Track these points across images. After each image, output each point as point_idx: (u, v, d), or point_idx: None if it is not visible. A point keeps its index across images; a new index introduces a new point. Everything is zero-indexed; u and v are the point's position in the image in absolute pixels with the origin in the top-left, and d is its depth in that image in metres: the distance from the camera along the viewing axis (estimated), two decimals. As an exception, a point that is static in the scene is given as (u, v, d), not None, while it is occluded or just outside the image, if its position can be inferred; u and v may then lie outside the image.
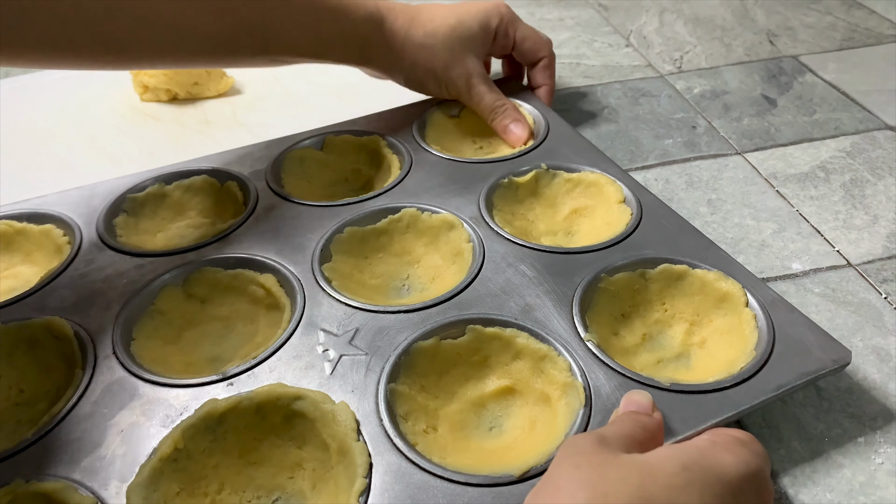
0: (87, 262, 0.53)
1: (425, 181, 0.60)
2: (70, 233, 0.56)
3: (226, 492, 0.41)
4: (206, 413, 0.41)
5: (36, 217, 0.58)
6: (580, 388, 0.42)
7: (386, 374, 0.44)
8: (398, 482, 0.38)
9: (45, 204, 0.59)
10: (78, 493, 0.38)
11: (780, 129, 0.76)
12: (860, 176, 0.68)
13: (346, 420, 0.41)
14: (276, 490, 0.42)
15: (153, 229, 0.60)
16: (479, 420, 0.45)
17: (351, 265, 0.54)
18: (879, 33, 0.96)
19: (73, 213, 0.58)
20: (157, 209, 0.61)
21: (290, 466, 0.42)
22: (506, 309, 0.47)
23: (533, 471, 0.38)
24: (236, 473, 0.42)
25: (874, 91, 0.82)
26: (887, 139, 0.73)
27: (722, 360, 0.45)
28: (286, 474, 0.42)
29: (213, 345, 0.51)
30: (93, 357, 0.46)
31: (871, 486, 0.42)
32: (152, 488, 0.38)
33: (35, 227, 0.58)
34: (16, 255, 0.58)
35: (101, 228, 0.56)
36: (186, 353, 0.49)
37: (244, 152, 0.64)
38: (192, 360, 0.49)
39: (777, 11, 1.03)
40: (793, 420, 0.46)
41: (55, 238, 0.57)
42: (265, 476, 0.42)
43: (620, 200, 0.57)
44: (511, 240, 0.53)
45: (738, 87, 0.84)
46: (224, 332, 0.51)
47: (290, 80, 0.85)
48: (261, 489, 0.42)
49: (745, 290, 0.47)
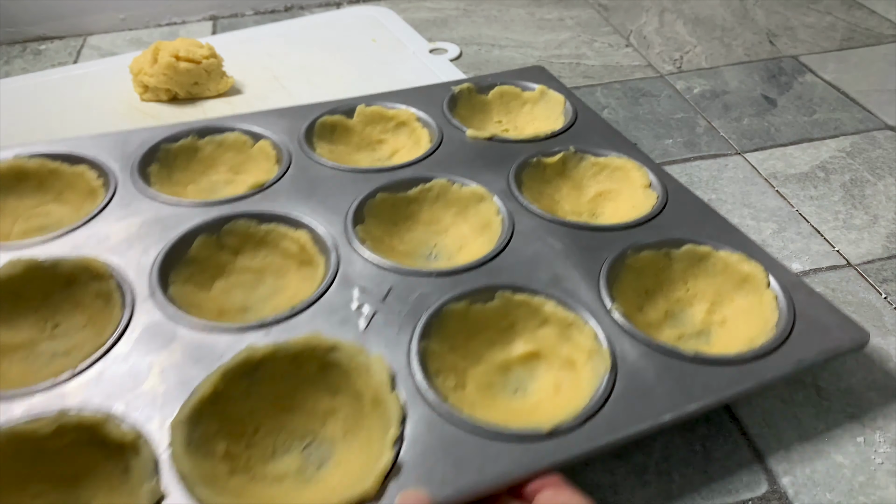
0: (123, 206, 0.54)
1: (455, 155, 0.61)
2: (104, 176, 0.57)
3: (260, 434, 0.42)
4: (245, 359, 0.42)
5: (70, 158, 0.59)
6: (606, 353, 0.43)
7: (418, 331, 0.45)
8: (430, 433, 0.40)
9: (79, 146, 0.60)
10: (121, 426, 0.39)
11: (780, 129, 0.76)
12: (860, 176, 0.69)
13: (381, 372, 0.42)
14: (308, 435, 0.43)
15: (185, 181, 0.61)
16: (504, 382, 0.47)
17: (382, 230, 0.55)
18: (879, 33, 0.97)
19: (108, 157, 0.58)
20: (190, 162, 0.62)
21: (323, 414, 0.44)
22: (534, 278, 0.49)
23: (562, 427, 0.39)
24: (271, 418, 0.43)
25: (874, 91, 0.83)
26: (887, 139, 0.74)
27: (742, 338, 0.47)
28: (318, 421, 0.44)
29: (244, 295, 0.52)
30: (131, 297, 0.47)
31: (871, 486, 0.42)
32: (194, 426, 0.40)
33: (68, 167, 0.58)
34: (48, 193, 0.58)
35: (137, 175, 0.57)
36: (219, 301, 0.50)
37: (277, 116, 0.65)
38: (224, 307, 0.50)
39: (777, 11, 1.04)
40: (793, 420, 0.46)
41: (89, 180, 0.57)
42: (298, 422, 0.43)
43: (646, 185, 0.58)
44: (540, 215, 0.54)
45: (738, 87, 0.85)
46: (254, 284, 0.53)
47: (290, 80, 0.84)
48: (294, 434, 0.43)
49: (766, 273, 0.49)
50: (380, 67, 0.86)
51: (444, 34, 0.98)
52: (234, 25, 1.02)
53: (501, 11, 1.05)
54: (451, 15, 1.04)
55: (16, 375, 0.45)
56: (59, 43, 0.98)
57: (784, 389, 0.48)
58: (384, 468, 0.37)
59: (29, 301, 0.48)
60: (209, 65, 0.78)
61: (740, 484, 0.43)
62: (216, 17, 1.05)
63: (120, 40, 0.99)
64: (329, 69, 0.86)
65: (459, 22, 1.01)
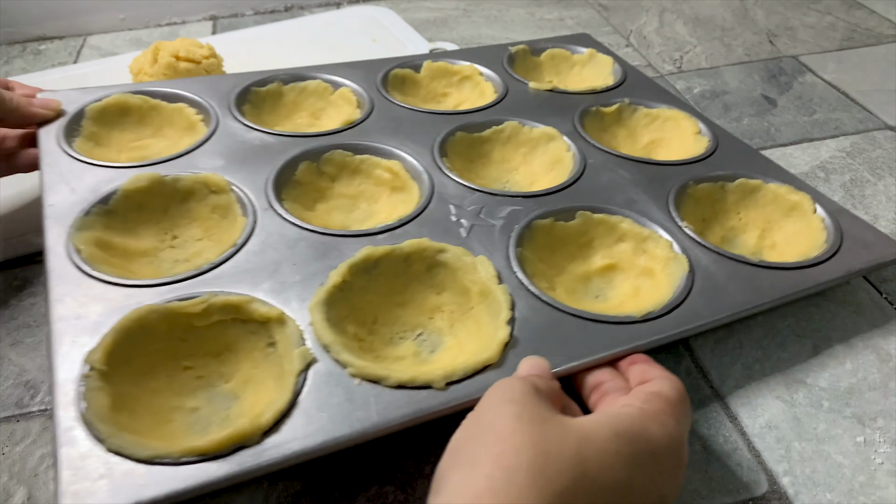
0: (229, 135, 0.59)
1: (520, 104, 0.67)
2: (204, 111, 0.62)
3: (378, 324, 0.47)
4: (366, 256, 0.48)
5: (168, 96, 0.63)
6: (683, 259, 0.49)
7: (513, 240, 0.51)
8: (537, 317, 0.45)
9: (176, 86, 0.64)
10: (266, 304, 0.44)
11: (780, 129, 0.76)
12: (860, 176, 0.69)
13: (488, 268, 0.47)
14: (418, 327, 0.48)
15: (271, 122, 0.65)
16: (586, 289, 0.52)
17: (461, 165, 0.61)
18: (879, 33, 0.97)
19: (205, 95, 0.63)
20: (276, 106, 0.67)
21: (430, 309, 0.49)
22: (610, 201, 0.55)
23: (652, 314, 0.45)
24: (386, 311, 0.48)
25: (874, 91, 0.83)
26: (887, 139, 0.74)
27: (793, 256, 0.53)
28: (427, 315, 0.49)
29: (342, 217, 0.57)
30: (251, 207, 0.52)
31: (871, 486, 0.42)
32: (328, 308, 0.45)
33: (168, 104, 0.63)
34: (147, 128, 0.63)
35: (235, 111, 0.62)
36: (322, 220, 0.55)
37: (351, 68, 0.71)
38: (327, 226, 0.55)
39: (777, 11, 1.05)
40: (793, 420, 0.47)
41: (188, 115, 0.62)
42: (409, 315, 0.49)
43: (696, 132, 0.64)
44: (606, 151, 0.60)
45: (738, 87, 0.85)
46: (350, 209, 0.58)
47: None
48: (406, 325, 0.48)
49: (812, 200, 0.55)
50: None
51: (444, 34, 0.98)
52: (234, 25, 1.02)
53: (501, 11, 1.06)
54: (451, 15, 1.04)
55: (147, 275, 0.49)
56: (59, 43, 0.98)
57: (784, 390, 0.49)
58: (503, 339, 0.43)
59: (151, 213, 0.53)
60: (209, 65, 0.77)
61: (740, 484, 0.43)
62: (216, 17, 1.05)
63: (120, 40, 0.99)
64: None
65: (459, 22, 1.02)
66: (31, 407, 0.48)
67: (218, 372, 0.44)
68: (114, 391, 0.39)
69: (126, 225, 0.52)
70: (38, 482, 0.44)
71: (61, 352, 0.40)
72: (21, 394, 0.49)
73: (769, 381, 0.49)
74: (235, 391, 0.43)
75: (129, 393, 0.40)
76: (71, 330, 0.42)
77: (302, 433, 0.37)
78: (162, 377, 0.42)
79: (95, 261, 0.47)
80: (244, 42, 0.92)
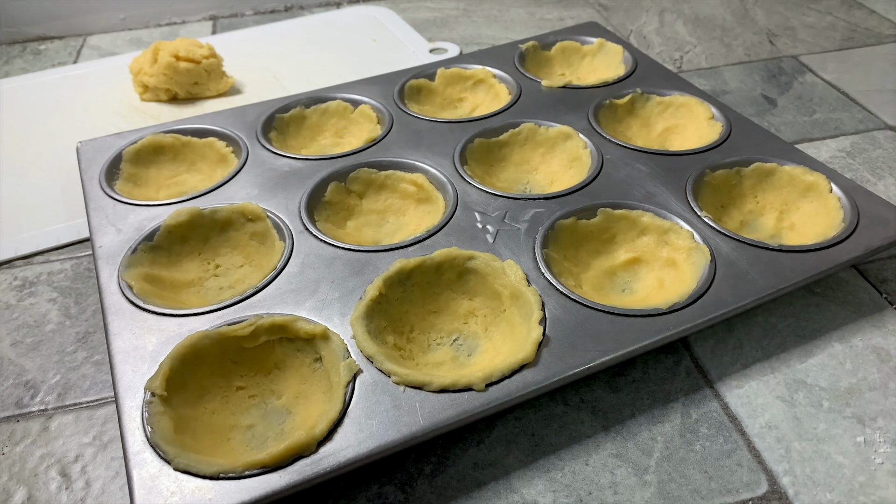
0: (260, 163, 0.62)
1: (535, 104, 0.69)
2: (233, 143, 0.65)
3: (416, 332, 0.50)
4: (399, 269, 0.50)
5: (198, 132, 0.66)
6: (705, 248, 0.51)
7: (538, 241, 0.53)
8: (567, 315, 0.47)
9: (204, 121, 0.67)
10: (310, 322, 0.47)
11: (780, 129, 0.76)
12: (860, 176, 0.68)
13: (516, 272, 0.50)
14: (454, 333, 0.51)
15: (297, 146, 0.68)
16: (612, 284, 0.54)
17: (482, 171, 0.63)
18: (879, 33, 0.96)
19: (232, 128, 0.66)
20: (300, 129, 0.70)
21: (464, 315, 0.51)
22: (629, 196, 0.57)
23: (678, 305, 0.47)
24: (422, 319, 0.50)
25: (874, 91, 0.82)
26: (887, 139, 0.74)
27: (812, 237, 0.54)
28: (461, 321, 0.51)
29: (373, 232, 0.59)
30: (288, 231, 0.54)
31: (871, 486, 0.42)
32: (368, 321, 0.47)
33: (198, 139, 0.66)
34: (181, 164, 0.66)
35: (263, 139, 0.65)
36: (353, 236, 0.58)
37: (368, 84, 0.73)
38: (359, 242, 0.58)
39: (777, 11, 1.04)
40: (793, 420, 0.47)
41: (218, 148, 0.65)
42: (444, 322, 0.51)
43: (709, 117, 0.66)
44: (623, 145, 0.62)
45: (738, 87, 0.84)
46: (379, 223, 0.60)
47: (290, 80, 0.84)
48: (442, 332, 0.51)
49: (828, 180, 0.56)
50: (380, 67, 0.83)
51: (444, 34, 0.98)
52: (234, 25, 1.03)
53: (501, 11, 1.06)
54: (451, 15, 1.04)
55: (195, 304, 0.52)
56: (59, 43, 0.98)
57: (784, 390, 0.49)
58: (537, 339, 0.45)
59: (193, 245, 0.56)
60: (209, 65, 0.79)
61: (740, 484, 0.43)
62: (216, 17, 1.06)
63: (120, 40, 0.99)
64: (329, 69, 0.86)
65: (459, 22, 1.02)
66: (31, 407, 0.49)
67: (269, 389, 0.47)
68: (175, 415, 0.42)
69: (171, 258, 0.55)
70: (37, 482, 0.45)
71: (124, 381, 0.43)
72: (21, 394, 0.50)
73: (769, 381, 0.49)
74: (287, 406, 0.46)
75: (189, 415, 0.43)
76: (131, 360, 0.45)
77: (354, 440, 0.40)
78: (217, 398, 0.45)
79: (147, 295, 0.50)
80: (244, 42, 0.93)
